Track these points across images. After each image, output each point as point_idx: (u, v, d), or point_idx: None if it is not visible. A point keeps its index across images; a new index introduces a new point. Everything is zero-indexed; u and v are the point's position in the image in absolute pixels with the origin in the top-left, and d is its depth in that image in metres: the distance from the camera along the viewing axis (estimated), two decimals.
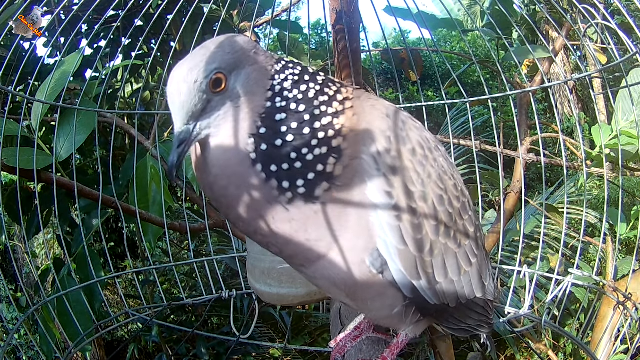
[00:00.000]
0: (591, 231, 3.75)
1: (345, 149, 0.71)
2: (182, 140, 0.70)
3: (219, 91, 0.70)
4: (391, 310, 0.83)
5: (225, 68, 0.70)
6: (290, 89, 0.72)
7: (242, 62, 0.71)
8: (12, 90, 1.44)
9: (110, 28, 2.40)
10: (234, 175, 0.71)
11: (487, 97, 1.56)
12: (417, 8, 1.60)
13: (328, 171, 0.70)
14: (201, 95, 0.69)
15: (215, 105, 0.71)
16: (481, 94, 1.64)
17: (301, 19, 9.16)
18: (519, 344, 3.64)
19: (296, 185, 0.70)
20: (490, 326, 0.96)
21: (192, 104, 0.69)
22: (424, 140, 0.80)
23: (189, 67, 0.69)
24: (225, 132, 0.71)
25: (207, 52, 0.70)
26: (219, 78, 0.69)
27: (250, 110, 0.71)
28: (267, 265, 1.27)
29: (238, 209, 0.72)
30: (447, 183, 0.80)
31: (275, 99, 0.71)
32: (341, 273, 0.76)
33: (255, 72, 0.72)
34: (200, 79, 0.68)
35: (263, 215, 0.71)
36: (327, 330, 3.45)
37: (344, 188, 0.71)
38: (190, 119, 0.70)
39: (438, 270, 0.80)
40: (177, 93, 0.69)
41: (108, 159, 1.59)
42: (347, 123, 0.72)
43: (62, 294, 1.49)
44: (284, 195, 0.70)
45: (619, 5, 1.24)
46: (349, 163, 0.71)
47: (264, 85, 0.72)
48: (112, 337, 4.22)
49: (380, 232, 0.74)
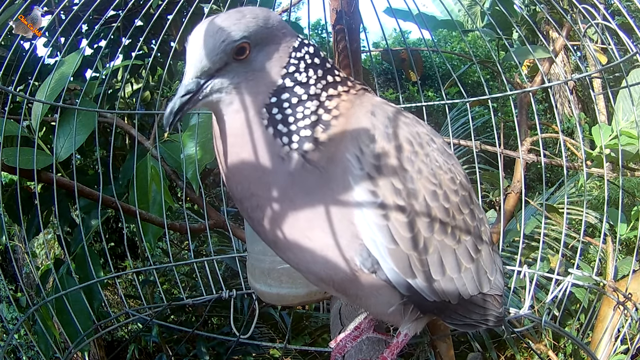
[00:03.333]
0: (591, 231, 3.75)
1: (335, 126, 0.75)
2: (189, 90, 0.72)
3: (239, 59, 0.72)
4: (388, 307, 0.82)
5: (253, 40, 0.72)
6: (301, 71, 0.76)
7: (270, 39, 0.74)
8: (12, 90, 1.44)
9: (110, 28, 2.41)
10: (249, 142, 0.74)
11: (487, 97, 1.56)
12: (417, 9, 1.60)
13: (315, 136, 0.74)
14: (222, 56, 0.71)
15: (231, 70, 0.72)
16: (481, 94, 1.64)
17: (301, 19, 9.19)
18: (519, 344, 3.64)
19: (291, 140, 0.74)
20: (499, 320, 0.93)
21: (211, 60, 0.71)
22: (414, 135, 0.78)
23: (221, 25, 0.71)
24: (243, 102, 0.74)
25: (242, 18, 0.72)
26: (244, 47, 0.72)
27: (265, 85, 0.74)
28: (267, 265, 1.27)
29: (243, 169, 0.76)
30: (441, 177, 0.79)
31: (286, 79, 0.75)
32: (325, 268, 0.76)
33: (277, 51, 0.75)
34: (228, 40, 0.70)
35: (263, 172, 0.75)
36: (327, 331, 3.45)
37: (329, 165, 0.74)
38: (203, 74, 0.71)
39: (434, 268, 0.79)
40: (200, 45, 0.70)
41: (108, 159, 1.59)
42: (341, 109, 0.76)
43: (62, 294, 1.49)
44: (282, 149, 0.74)
45: (619, 6, 1.24)
46: (334, 144, 0.75)
47: (281, 64, 0.75)
48: (112, 337, 4.22)
49: (368, 231, 0.74)
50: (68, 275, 1.81)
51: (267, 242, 0.82)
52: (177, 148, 1.91)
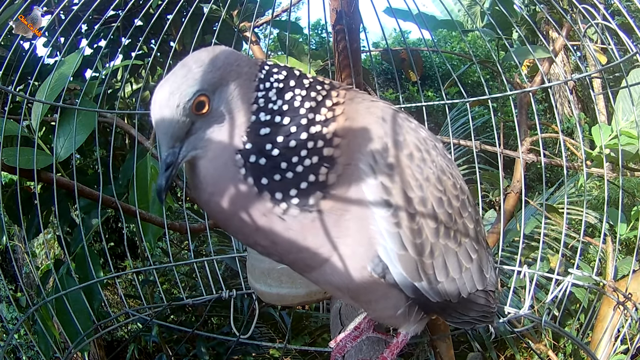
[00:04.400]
0: (591, 231, 3.75)
1: (339, 156, 0.71)
2: (169, 163, 0.70)
3: (202, 113, 0.69)
4: (395, 310, 0.84)
5: (208, 89, 0.68)
6: (275, 99, 0.71)
7: (225, 79, 0.70)
8: (12, 90, 1.44)
9: (110, 28, 2.40)
10: (227, 192, 0.71)
11: (487, 97, 1.56)
12: (417, 9, 1.60)
13: (321, 180, 0.70)
14: (184, 119, 0.68)
15: (200, 126, 0.70)
16: (481, 94, 1.64)
17: (301, 19, 9.17)
18: (519, 344, 3.64)
19: (289, 196, 0.69)
20: (492, 316, 0.97)
21: (175, 128, 0.68)
22: (421, 141, 0.79)
23: (170, 90, 0.68)
24: (213, 151, 0.70)
25: (187, 73, 0.68)
26: (201, 100, 0.68)
27: (236, 127, 0.70)
28: (267, 265, 1.27)
29: (235, 223, 0.73)
30: (445, 184, 0.80)
31: (259, 113, 0.70)
32: (343, 278, 0.77)
33: (239, 87, 0.70)
34: (182, 103, 0.67)
35: (260, 227, 0.71)
36: (327, 330, 3.45)
37: (340, 195, 0.71)
38: (175, 142, 0.70)
39: (439, 271, 0.81)
40: (160, 118, 0.68)
41: (108, 159, 1.59)
42: (339, 130, 0.72)
43: (62, 294, 1.49)
44: (279, 206, 0.70)
45: (619, 6, 1.24)
46: (343, 171, 0.71)
47: (249, 99, 0.71)
48: (112, 337, 4.22)
49: (380, 238, 0.74)
50: (68, 275, 1.80)
51: (285, 264, 0.81)
52: None
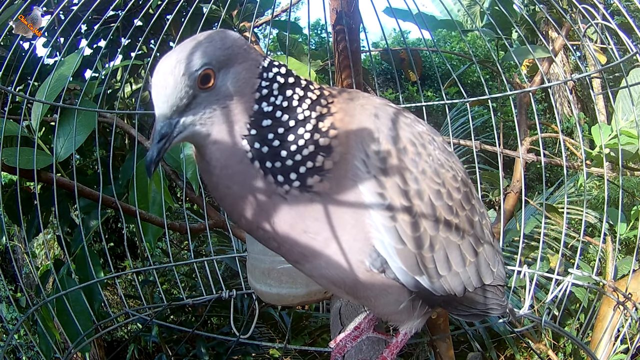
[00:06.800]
0: (591, 231, 3.75)
1: (336, 146, 0.72)
2: (164, 134, 0.69)
3: (206, 87, 0.68)
4: (398, 305, 0.84)
5: (215, 65, 0.68)
6: (277, 94, 0.71)
7: (233, 60, 0.70)
8: (12, 90, 1.44)
9: (110, 28, 2.40)
10: (235, 174, 0.71)
11: (486, 97, 1.56)
12: (417, 9, 1.60)
13: (318, 165, 0.71)
14: (187, 90, 0.67)
15: (201, 101, 0.69)
16: (481, 94, 1.64)
17: (301, 19, 9.18)
18: (519, 344, 3.64)
19: (290, 179, 0.71)
20: (502, 308, 0.95)
21: (177, 97, 0.67)
22: (417, 136, 0.79)
23: (177, 59, 0.67)
24: (220, 133, 0.70)
25: (197, 45, 0.68)
26: (207, 74, 0.68)
27: (240, 112, 0.70)
28: (267, 265, 1.27)
29: (241, 205, 0.73)
30: (444, 176, 0.80)
31: (262, 103, 0.71)
32: (339, 272, 0.77)
33: (245, 70, 0.71)
34: (188, 72, 0.66)
35: (264, 208, 0.72)
36: (327, 330, 3.45)
37: (337, 184, 0.72)
38: (173, 114, 0.68)
39: (441, 264, 0.80)
40: (163, 85, 0.67)
41: (108, 159, 1.59)
42: (337, 123, 0.73)
43: (62, 294, 1.49)
44: (282, 187, 0.71)
45: (619, 5, 1.24)
46: (340, 159, 0.72)
47: (252, 85, 0.71)
48: (112, 337, 4.22)
49: (376, 233, 0.74)
50: (68, 275, 1.81)
51: (281, 255, 0.81)
52: (176, 148, 1.91)
